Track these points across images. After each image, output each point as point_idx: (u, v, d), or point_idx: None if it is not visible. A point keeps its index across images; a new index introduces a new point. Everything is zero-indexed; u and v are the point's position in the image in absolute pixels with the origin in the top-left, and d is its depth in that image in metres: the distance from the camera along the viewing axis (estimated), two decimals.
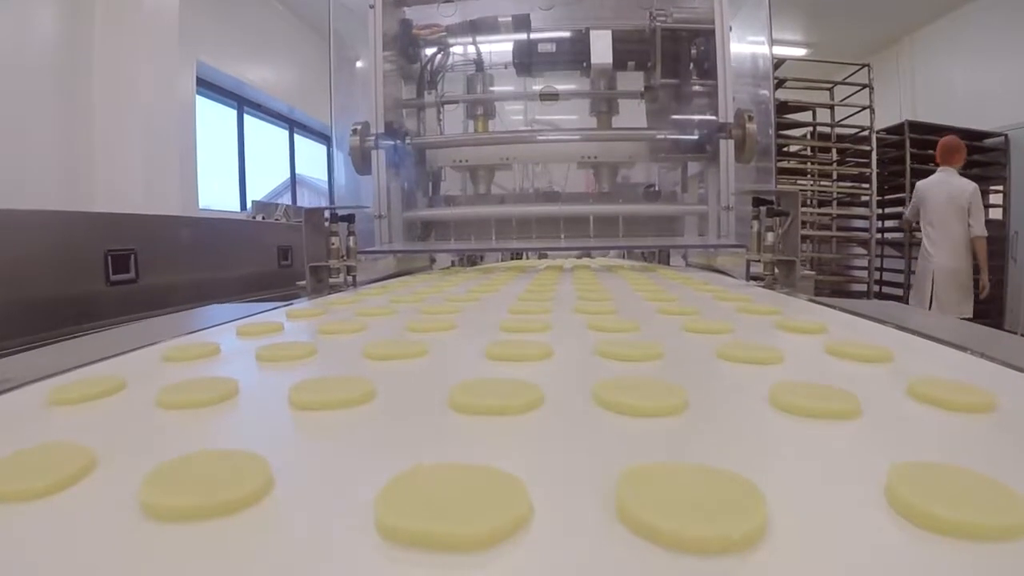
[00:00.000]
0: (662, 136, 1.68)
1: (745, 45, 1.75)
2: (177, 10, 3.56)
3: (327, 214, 1.18)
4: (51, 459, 0.28)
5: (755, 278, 1.29)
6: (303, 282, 1.19)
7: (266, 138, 5.63)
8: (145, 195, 3.34)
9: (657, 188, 1.87)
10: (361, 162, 1.54)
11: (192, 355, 0.54)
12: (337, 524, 0.23)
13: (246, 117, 5.15)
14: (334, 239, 1.14)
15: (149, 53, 3.40)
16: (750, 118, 1.50)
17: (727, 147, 1.52)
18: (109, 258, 2.01)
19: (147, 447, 0.32)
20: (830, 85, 4.57)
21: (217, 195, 4.58)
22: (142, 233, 2.09)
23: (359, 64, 1.70)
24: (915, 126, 4.46)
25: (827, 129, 4.51)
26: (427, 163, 1.76)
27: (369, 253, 1.36)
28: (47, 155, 3.05)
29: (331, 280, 1.23)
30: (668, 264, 2.25)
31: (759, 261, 1.15)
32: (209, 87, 4.58)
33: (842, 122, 4.54)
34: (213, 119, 4.76)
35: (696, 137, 1.64)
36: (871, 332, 0.63)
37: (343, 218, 1.16)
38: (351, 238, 1.18)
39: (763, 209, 1.15)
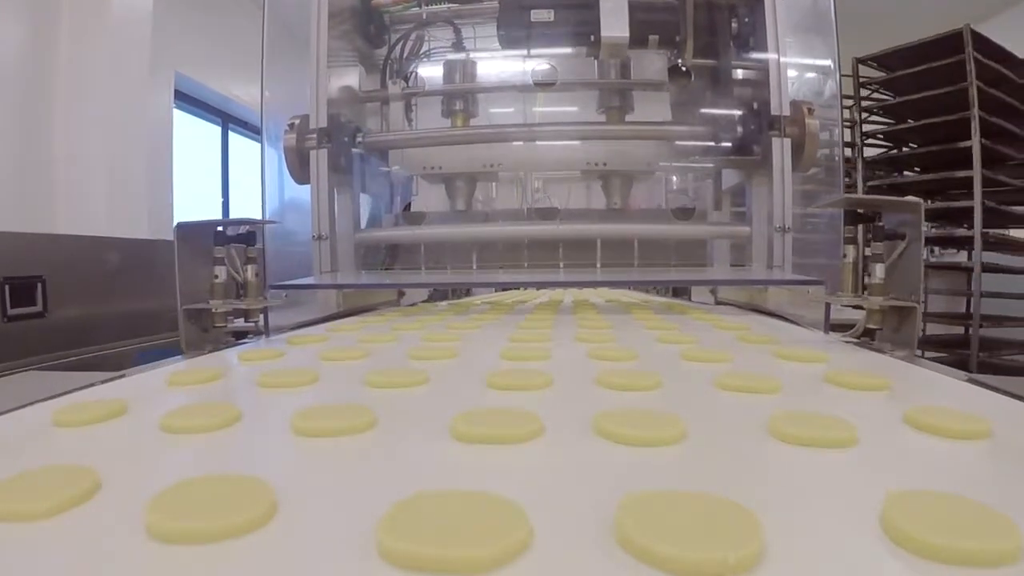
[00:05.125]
0: (693, 132, 1.29)
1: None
2: (151, 20, 3.30)
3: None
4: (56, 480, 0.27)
5: (837, 327, 0.90)
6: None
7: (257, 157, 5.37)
8: (109, 217, 3.03)
9: (687, 204, 1.48)
10: (299, 167, 1.18)
11: None
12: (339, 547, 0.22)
13: (235, 136, 4.90)
14: (218, 270, 0.76)
15: (118, 64, 3.14)
16: (810, 111, 1.13)
17: (782, 149, 1.14)
18: (7, 288, 1.67)
19: None
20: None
21: (202, 217, 4.27)
22: (52, 257, 1.74)
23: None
24: None
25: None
26: (391, 171, 1.39)
27: (285, 288, 0.98)
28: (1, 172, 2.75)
29: (231, 326, 0.85)
30: (668, 294, 1.86)
31: (860, 306, 0.76)
32: (193, 103, 4.34)
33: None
34: (206, 138, 4.50)
35: (739, 135, 1.25)
36: None
37: (235, 238, 0.79)
38: (250, 268, 0.80)
39: (861, 229, 0.76)
